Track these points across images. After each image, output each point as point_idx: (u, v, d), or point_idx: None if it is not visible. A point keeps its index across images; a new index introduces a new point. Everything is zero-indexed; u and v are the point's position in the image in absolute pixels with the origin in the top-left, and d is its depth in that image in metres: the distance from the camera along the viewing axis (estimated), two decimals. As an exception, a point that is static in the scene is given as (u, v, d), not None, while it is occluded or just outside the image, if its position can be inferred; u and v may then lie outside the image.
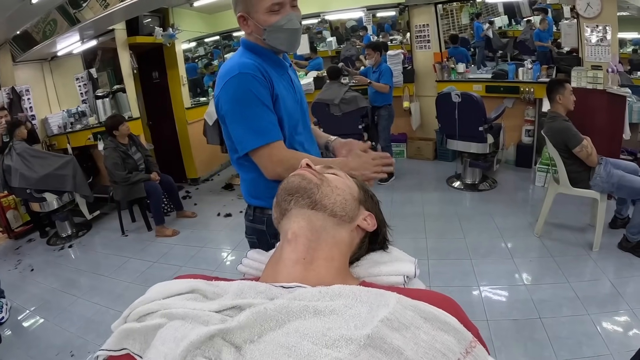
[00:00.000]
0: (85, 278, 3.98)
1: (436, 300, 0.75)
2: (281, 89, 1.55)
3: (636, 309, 2.86)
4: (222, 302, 0.75)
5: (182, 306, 0.74)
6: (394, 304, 0.68)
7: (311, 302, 0.70)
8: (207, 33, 7.41)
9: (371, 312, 0.67)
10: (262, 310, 0.68)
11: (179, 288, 0.81)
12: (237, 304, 0.73)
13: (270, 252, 1.10)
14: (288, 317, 0.67)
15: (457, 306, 0.77)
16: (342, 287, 0.74)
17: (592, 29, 4.93)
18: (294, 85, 1.67)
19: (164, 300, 0.78)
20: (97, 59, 5.68)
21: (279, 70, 1.60)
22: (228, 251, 4.37)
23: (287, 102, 1.58)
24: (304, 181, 0.95)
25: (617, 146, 4.48)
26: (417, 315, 0.68)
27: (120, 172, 4.52)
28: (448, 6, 7.61)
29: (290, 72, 1.68)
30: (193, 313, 0.71)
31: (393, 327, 0.64)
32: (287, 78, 1.64)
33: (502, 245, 3.95)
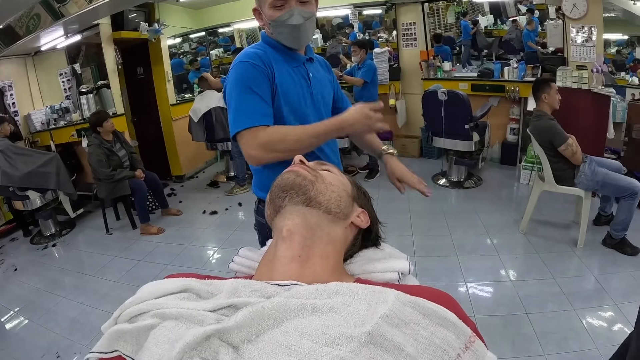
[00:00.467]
0: (69, 277, 3.91)
1: (434, 296, 0.75)
2: (286, 80, 1.54)
3: (620, 304, 2.91)
4: (216, 301, 0.73)
5: (175, 306, 0.73)
6: (393, 300, 0.68)
7: (309, 300, 0.69)
8: (193, 29, 7.34)
9: (370, 309, 0.67)
10: (260, 309, 0.66)
11: (171, 287, 0.79)
12: (233, 303, 0.71)
13: (262, 250, 1.10)
14: (286, 316, 0.66)
15: (454, 302, 0.77)
16: (339, 285, 0.73)
17: (577, 30, 5.00)
18: (309, 79, 1.62)
19: (155, 300, 0.77)
20: (81, 54, 5.59)
21: (292, 63, 1.58)
22: (214, 249, 4.33)
23: (291, 94, 1.55)
24: (299, 178, 0.94)
25: (601, 145, 4.55)
26: (416, 312, 0.68)
27: (104, 169, 4.45)
28: (434, 5, 7.64)
29: (309, 66, 1.65)
30: (187, 313, 0.70)
31: (393, 324, 0.64)
32: (300, 71, 1.61)
33: (488, 241, 4.00)
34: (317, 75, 1.68)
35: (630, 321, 2.72)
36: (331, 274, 0.86)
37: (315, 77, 1.65)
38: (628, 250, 3.52)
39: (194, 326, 0.67)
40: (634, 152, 4.70)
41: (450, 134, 5.23)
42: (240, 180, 5.73)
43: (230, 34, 8.24)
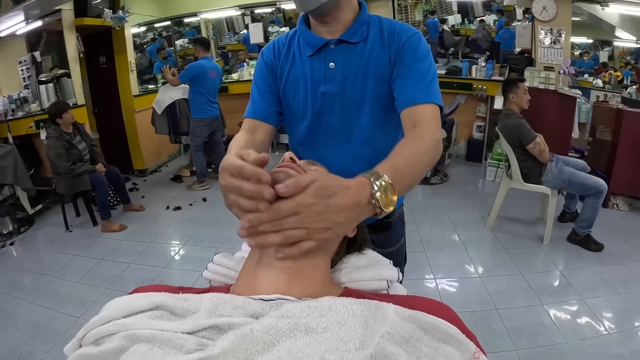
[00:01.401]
0: (28, 278, 3.73)
1: (433, 308, 0.73)
2: (286, 74, 1.36)
3: (586, 298, 3.01)
4: (195, 321, 0.66)
5: (147, 326, 0.66)
6: (392, 315, 0.66)
7: (301, 319, 0.63)
8: (159, 17, 7.17)
9: (368, 327, 0.63)
10: (248, 332, 0.60)
11: (141, 304, 0.71)
12: (215, 324, 0.65)
13: (237, 255, 1.04)
14: (277, 338, 0.60)
15: (454, 314, 0.75)
16: (332, 301, 0.68)
17: (546, 32, 5.11)
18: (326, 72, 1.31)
19: (124, 319, 0.69)
20: (42, 42, 5.35)
21: (306, 50, 1.32)
22: (179, 246, 4.21)
23: (288, 91, 1.37)
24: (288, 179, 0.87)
25: (566, 144, 4.69)
26: (416, 327, 0.65)
27: (63, 163, 4.24)
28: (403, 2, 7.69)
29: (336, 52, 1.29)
30: (161, 335, 0.63)
31: (395, 342, 0.61)
32: (313, 62, 1.32)
33: (456, 238, 4.05)
34: (350, 62, 1.29)
35: (596, 315, 2.82)
36: (321, 285, 0.81)
37: (339, 67, 1.30)
38: (592, 246, 3.64)
39: (171, 351, 0.61)
40: (598, 151, 4.87)
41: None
42: (200, 177, 5.61)
43: (197, 24, 8.07)
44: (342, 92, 1.30)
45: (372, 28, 1.29)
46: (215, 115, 5.45)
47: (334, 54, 1.29)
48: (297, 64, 1.34)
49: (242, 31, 8.49)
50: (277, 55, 1.37)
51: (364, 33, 1.28)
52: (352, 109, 1.32)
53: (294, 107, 1.38)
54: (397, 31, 1.28)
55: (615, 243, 3.76)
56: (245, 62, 7.49)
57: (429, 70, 1.24)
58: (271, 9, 7.77)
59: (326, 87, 1.30)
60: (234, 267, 0.97)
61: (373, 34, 1.28)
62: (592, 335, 2.63)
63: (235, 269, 0.96)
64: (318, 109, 1.34)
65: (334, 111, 1.33)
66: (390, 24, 1.30)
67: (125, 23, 5.72)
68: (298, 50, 1.34)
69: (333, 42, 1.28)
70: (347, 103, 1.31)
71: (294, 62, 1.34)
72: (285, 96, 1.38)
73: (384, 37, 1.28)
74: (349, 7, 1.29)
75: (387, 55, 1.27)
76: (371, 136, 1.35)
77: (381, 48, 1.27)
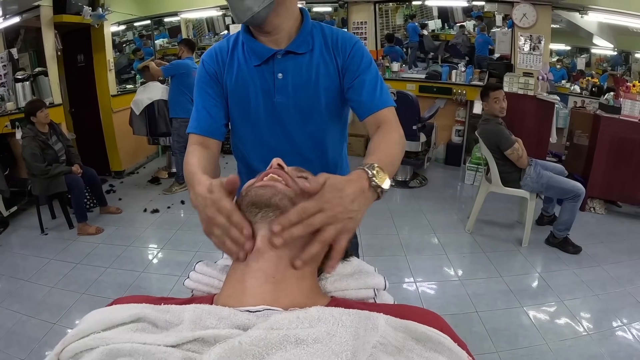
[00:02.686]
0: (2, 283, 3.60)
1: (424, 317, 0.72)
2: (233, 84, 1.37)
3: (565, 300, 3.06)
4: (179, 334, 0.64)
5: (127, 340, 0.63)
6: (384, 325, 0.65)
7: (290, 331, 0.61)
8: (139, 16, 7.06)
9: (358, 338, 0.61)
10: (236, 345, 0.58)
11: (121, 317, 0.68)
12: (200, 336, 0.62)
13: (220, 263, 1.02)
14: (267, 350, 0.58)
15: (443, 322, 0.74)
16: (321, 311, 0.66)
17: (525, 38, 5.19)
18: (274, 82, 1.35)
19: (103, 333, 0.65)
20: (19, 38, 5.24)
21: (252, 60, 1.34)
22: (156, 250, 4.13)
23: (236, 100, 1.40)
24: (276, 197, 0.82)
25: (544, 149, 4.77)
26: (408, 337, 0.65)
27: (39, 163, 4.12)
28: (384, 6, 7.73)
29: (283, 62, 1.33)
30: (143, 349, 0.60)
31: (387, 352, 0.61)
32: (262, 72, 1.35)
33: (435, 241, 4.07)
34: (299, 73, 1.34)
35: (575, 316, 2.87)
36: (308, 295, 0.79)
37: (288, 77, 1.34)
38: (570, 249, 3.71)
39: None
40: (575, 156, 4.96)
41: (396, 134, 5.26)
42: (179, 178, 5.53)
43: (177, 24, 8.01)
44: (294, 102, 1.35)
45: (316, 36, 1.35)
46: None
47: (281, 65, 1.32)
48: (243, 72, 1.35)
49: (222, 32, 8.46)
50: (220, 62, 1.38)
51: (309, 43, 1.33)
52: (303, 118, 1.39)
53: (244, 115, 1.41)
54: (339, 41, 1.35)
55: (593, 245, 3.83)
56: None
57: (376, 77, 1.35)
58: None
59: (277, 98, 1.35)
60: (217, 275, 0.94)
61: (318, 43, 1.34)
62: (572, 336, 2.68)
63: (218, 278, 0.93)
64: (270, 117, 1.39)
65: (286, 120, 1.39)
66: (332, 33, 1.37)
67: (104, 21, 5.62)
68: (243, 58, 1.35)
69: (280, 53, 1.31)
70: (299, 112, 1.38)
71: (240, 69, 1.35)
72: (234, 104, 1.40)
73: (329, 47, 1.35)
74: (288, 15, 1.30)
75: (334, 65, 1.35)
76: (322, 143, 1.44)
77: (328, 58, 1.34)
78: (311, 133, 1.42)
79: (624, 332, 2.74)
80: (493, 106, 3.80)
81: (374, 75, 1.35)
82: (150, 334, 0.65)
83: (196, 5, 7.08)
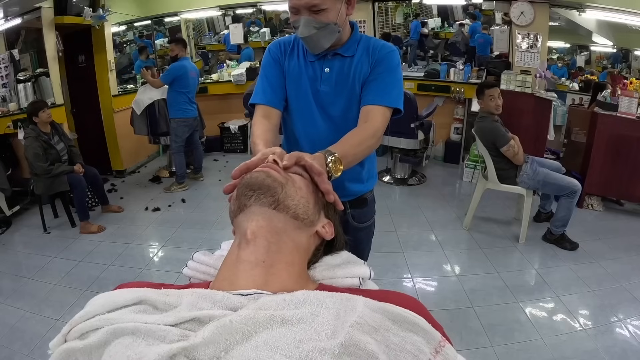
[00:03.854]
0: (6, 280, 3.63)
1: (401, 301, 0.75)
2: (291, 73, 1.67)
3: (561, 295, 3.08)
4: (177, 314, 0.68)
5: (131, 320, 0.67)
6: (362, 307, 0.67)
7: (277, 311, 0.65)
8: (139, 17, 7.07)
9: (339, 317, 0.65)
10: (227, 323, 0.62)
11: (125, 299, 0.72)
12: (196, 316, 0.67)
13: (217, 253, 1.06)
14: (255, 329, 0.63)
15: (422, 306, 0.77)
16: (307, 294, 0.70)
17: (523, 36, 5.20)
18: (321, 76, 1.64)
19: (108, 314, 0.70)
20: (20, 40, 5.27)
21: (309, 56, 1.65)
22: (157, 248, 4.17)
23: (292, 87, 1.68)
24: (269, 179, 0.89)
25: (541, 146, 4.78)
26: (385, 318, 0.67)
27: (41, 163, 4.15)
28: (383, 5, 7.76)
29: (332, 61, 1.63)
30: (145, 327, 0.64)
31: (364, 331, 0.63)
32: (313, 66, 1.65)
33: (433, 238, 4.09)
34: (342, 70, 1.63)
35: (571, 312, 2.89)
36: (296, 280, 0.83)
37: (334, 72, 1.63)
38: (567, 245, 3.73)
39: (155, 342, 0.62)
40: (573, 153, 4.98)
41: (395, 132, 5.28)
42: (179, 178, 5.57)
43: (177, 24, 8.03)
44: (335, 91, 1.64)
45: (361, 45, 1.63)
46: (195, 115, 5.47)
47: (329, 62, 1.63)
48: (300, 63, 1.66)
49: (222, 31, 8.49)
50: (283, 52, 1.68)
51: (354, 50, 1.62)
52: (341, 105, 1.66)
53: (296, 97, 1.68)
54: (378, 47, 1.62)
55: (590, 242, 3.85)
56: (225, 63, 7.47)
57: (393, 79, 1.59)
58: (252, 9, 7.77)
59: (322, 87, 1.64)
60: (213, 264, 0.98)
61: (361, 50, 1.62)
62: (567, 331, 2.70)
63: (214, 267, 0.97)
64: (315, 102, 1.66)
65: (327, 105, 1.67)
66: (376, 42, 1.65)
67: (105, 22, 5.65)
68: (302, 53, 1.66)
69: (330, 54, 1.62)
70: (339, 99, 1.65)
71: (298, 61, 1.66)
72: (290, 87, 1.68)
73: (369, 52, 1.61)
74: (345, 32, 1.61)
75: (368, 64, 1.61)
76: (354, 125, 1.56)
77: (365, 59, 1.61)
78: (348, 119, 1.64)
79: (620, 328, 2.75)
80: (488, 104, 3.82)
81: (390, 77, 1.59)
82: (151, 315, 0.69)
83: (196, 6, 7.09)
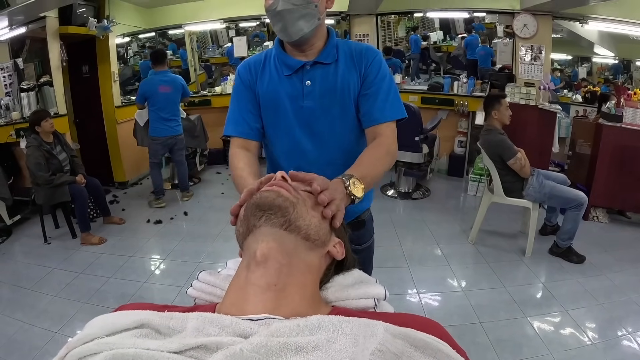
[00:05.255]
0: (4, 290, 3.61)
1: (423, 325, 0.72)
2: (265, 91, 1.53)
3: (569, 309, 3.04)
4: (182, 340, 0.65)
5: (131, 345, 0.64)
6: (382, 333, 0.65)
7: (291, 338, 0.62)
8: (143, 28, 7.13)
9: (357, 344, 0.61)
10: (238, 352, 0.59)
11: (125, 322, 0.70)
12: (202, 343, 0.63)
13: (223, 273, 1.02)
14: (267, 357, 0.59)
15: (444, 331, 0.74)
16: (321, 319, 0.67)
17: (526, 49, 5.22)
18: (303, 90, 1.48)
19: (108, 338, 0.67)
20: (24, 49, 5.28)
21: (283, 70, 1.49)
22: (159, 260, 4.13)
23: (268, 106, 1.54)
24: (279, 198, 0.85)
25: (546, 158, 4.77)
26: (407, 344, 0.65)
27: (43, 173, 4.14)
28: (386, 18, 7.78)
29: (311, 72, 1.48)
30: (147, 355, 0.61)
31: (386, 359, 0.61)
32: (291, 81, 1.49)
33: (438, 252, 4.05)
34: (326, 80, 1.49)
35: (580, 325, 2.85)
36: (310, 304, 0.80)
37: (316, 85, 1.48)
38: (574, 258, 3.70)
39: None
40: (577, 165, 4.97)
41: (400, 146, 5.21)
42: (156, 193, 5.52)
43: (181, 36, 8.08)
44: (321, 106, 1.49)
45: (341, 49, 1.51)
46: (170, 134, 5.25)
47: (309, 74, 1.48)
48: (274, 81, 1.51)
49: (226, 44, 8.52)
50: (253, 73, 1.54)
51: (335, 55, 1.49)
52: (329, 121, 1.52)
53: (275, 119, 1.54)
54: (363, 52, 1.50)
55: (597, 254, 3.83)
56: (229, 76, 7.49)
57: (389, 89, 1.49)
58: (255, 23, 7.81)
59: (305, 103, 1.49)
60: (220, 284, 0.95)
61: (343, 55, 1.50)
62: (576, 346, 2.66)
63: (221, 287, 0.94)
64: (299, 121, 1.52)
65: (313, 123, 1.52)
66: (357, 46, 1.54)
67: (109, 33, 5.68)
68: (275, 69, 1.51)
69: (309, 64, 1.47)
70: (326, 115, 1.51)
71: (271, 79, 1.51)
72: (265, 109, 1.54)
73: (353, 57, 1.50)
74: (322, 35, 1.49)
75: (357, 72, 1.49)
76: (347, 144, 1.56)
77: (352, 67, 1.49)
78: (337, 135, 1.54)
79: (629, 341, 2.72)
80: (504, 113, 3.83)
81: (387, 87, 1.49)
82: (154, 340, 0.66)
83: (200, 18, 7.13)
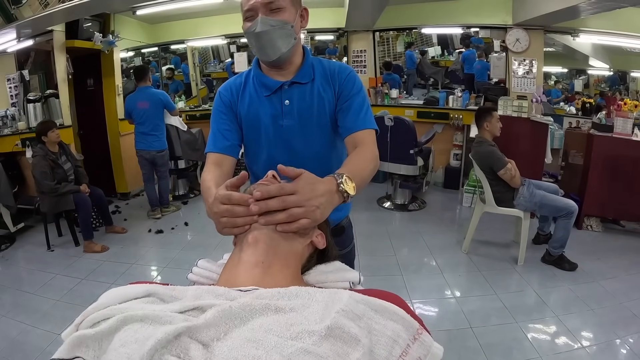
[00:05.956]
0: (8, 295, 3.68)
1: (383, 295, 0.82)
2: (246, 111, 1.57)
3: (561, 315, 3.08)
4: (183, 303, 0.75)
5: (140, 309, 0.73)
6: (347, 298, 0.74)
7: (272, 301, 0.73)
8: (147, 43, 7.28)
9: (327, 308, 0.71)
10: (227, 309, 0.69)
11: (135, 292, 0.80)
12: (199, 305, 0.73)
13: (220, 262, 1.12)
14: (251, 314, 0.70)
15: (402, 301, 0.83)
16: (299, 289, 0.78)
17: (519, 62, 5.31)
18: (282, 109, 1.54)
19: (120, 305, 0.76)
20: (29, 61, 5.40)
21: (263, 91, 1.55)
22: (160, 268, 4.20)
23: (249, 126, 1.59)
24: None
25: (539, 169, 4.82)
26: (368, 308, 0.74)
27: (48, 181, 4.23)
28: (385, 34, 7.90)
29: (290, 91, 1.53)
30: (153, 314, 0.70)
31: (349, 317, 0.69)
32: (271, 101, 1.54)
33: (432, 261, 4.10)
34: (303, 100, 1.54)
35: (570, 330, 2.89)
36: (290, 281, 0.89)
37: (294, 104, 1.54)
38: (566, 266, 3.74)
39: (163, 326, 0.68)
40: (571, 175, 5.03)
41: (395, 159, 5.37)
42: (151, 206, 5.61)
43: (183, 51, 8.21)
44: (299, 124, 1.54)
45: (317, 69, 1.56)
46: (147, 149, 5.26)
47: (287, 93, 1.53)
48: (254, 102, 1.56)
49: (227, 59, 8.64)
50: (234, 94, 1.59)
51: (311, 74, 1.55)
52: (308, 138, 1.57)
53: (256, 138, 1.60)
54: (336, 70, 1.56)
55: (589, 262, 3.87)
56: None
57: (363, 102, 1.53)
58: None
59: (284, 121, 1.54)
60: (216, 270, 1.05)
61: (319, 74, 1.56)
62: (567, 350, 2.70)
63: (217, 272, 1.04)
64: (278, 139, 1.57)
65: (292, 140, 1.57)
66: (330, 65, 1.59)
67: (114, 47, 5.81)
68: (254, 90, 1.57)
69: (287, 84, 1.52)
70: (304, 133, 1.56)
71: (251, 100, 1.56)
72: (247, 128, 1.59)
73: (327, 76, 1.56)
74: (298, 53, 1.55)
75: (332, 91, 1.55)
76: (326, 161, 1.61)
77: (327, 85, 1.55)
78: (316, 152, 1.58)
79: (619, 346, 2.77)
80: (495, 125, 3.92)
81: (361, 101, 1.53)
82: (159, 305, 0.77)
83: (202, 34, 7.28)
